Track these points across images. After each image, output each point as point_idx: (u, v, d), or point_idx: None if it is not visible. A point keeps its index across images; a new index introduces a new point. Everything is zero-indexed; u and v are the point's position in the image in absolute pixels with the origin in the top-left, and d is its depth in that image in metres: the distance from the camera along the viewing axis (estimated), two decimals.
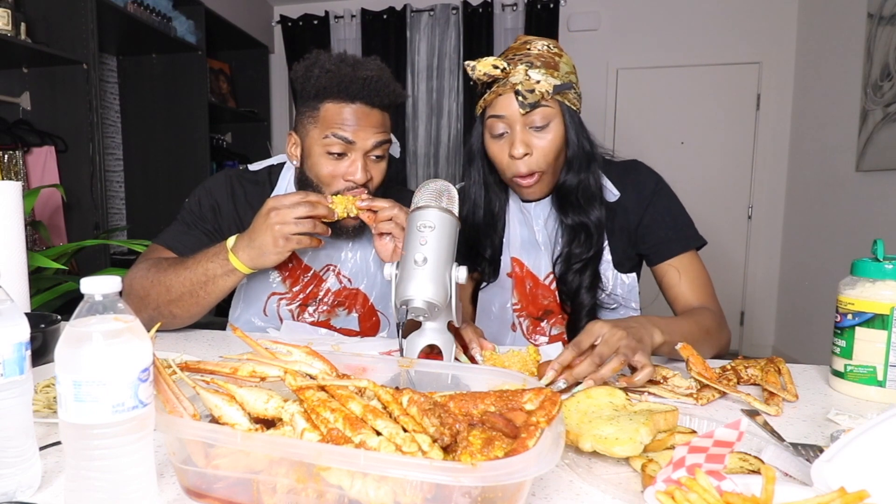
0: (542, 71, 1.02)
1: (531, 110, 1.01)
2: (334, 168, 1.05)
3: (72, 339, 0.45)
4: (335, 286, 1.19)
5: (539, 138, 1.03)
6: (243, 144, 3.99)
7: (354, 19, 3.98)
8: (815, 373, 0.91)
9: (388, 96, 1.05)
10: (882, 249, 0.79)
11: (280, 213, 0.97)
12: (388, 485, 0.43)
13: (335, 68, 1.03)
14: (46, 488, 0.54)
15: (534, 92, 1.01)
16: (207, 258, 1.03)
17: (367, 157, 1.06)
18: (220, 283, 1.03)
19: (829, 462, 0.49)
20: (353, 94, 1.02)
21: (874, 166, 2.63)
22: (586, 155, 1.07)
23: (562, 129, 1.04)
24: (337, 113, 1.03)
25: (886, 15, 2.55)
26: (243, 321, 1.19)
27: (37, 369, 0.77)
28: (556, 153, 1.04)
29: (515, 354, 0.90)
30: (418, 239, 0.79)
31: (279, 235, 0.97)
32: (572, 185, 1.08)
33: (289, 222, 0.97)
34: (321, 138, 1.04)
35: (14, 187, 1.05)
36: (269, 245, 0.98)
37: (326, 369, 0.57)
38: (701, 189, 3.79)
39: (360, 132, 1.03)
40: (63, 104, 2.40)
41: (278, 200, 0.98)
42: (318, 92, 1.04)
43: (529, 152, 1.03)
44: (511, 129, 1.03)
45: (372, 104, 1.04)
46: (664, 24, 3.75)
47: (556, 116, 1.03)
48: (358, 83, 1.02)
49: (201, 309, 1.07)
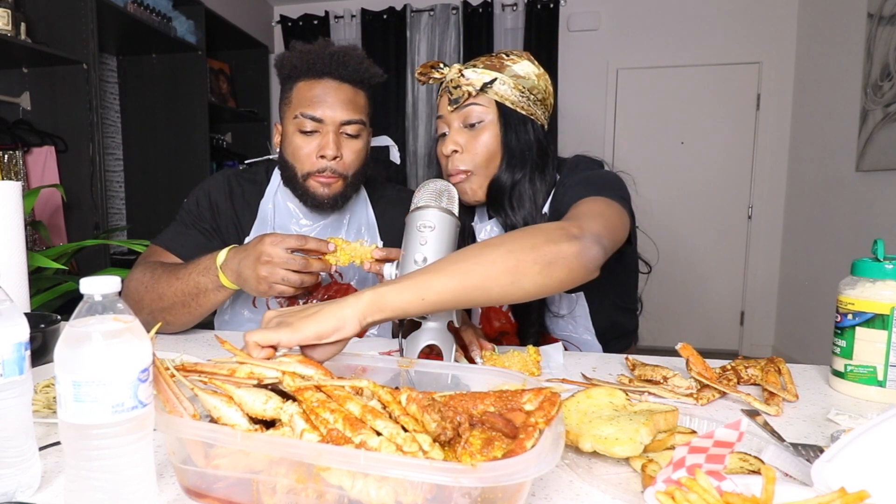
0: (479, 70, 1.01)
1: (457, 107, 1.01)
2: (307, 146, 1.06)
3: (71, 339, 0.45)
4: (325, 280, 1.18)
5: (472, 137, 1.02)
6: (243, 144, 3.99)
7: (354, 19, 3.98)
8: (815, 373, 0.91)
9: (357, 71, 1.05)
10: (882, 249, 0.79)
11: (271, 265, 0.92)
12: (389, 485, 0.43)
13: (306, 49, 1.06)
14: (46, 488, 0.54)
15: (459, 87, 1.01)
16: (199, 272, 1.01)
17: (338, 133, 1.07)
18: (211, 297, 1.02)
19: (829, 462, 0.49)
20: (321, 70, 1.04)
21: (874, 166, 2.63)
22: (526, 159, 1.02)
23: (496, 128, 1.02)
24: (307, 90, 1.05)
25: (886, 15, 2.55)
26: (233, 314, 1.19)
27: (37, 369, 0.77)
28: (486, 154, 1.02)
29: (515, 355, 0.90)
30: (418, 239, 0.79)
31: (263, 282, 0.94)
32: (504, 186, 1.03)
33: (276, 275, 0.93)
34: (292, 119, 1.06)
35: (14, 187, 1.05)
36: (252, 284, 0.95)
37: (322, 374, 0.57)
38: (701, 189, 3.80)
39: (328, 109, 1.04)
40: (63, 104, 2.40)
41: (274, 246, 0.92)
42: (291, 73, 1.07)
43: (458, 150, 1.02)
44: (448, 128, 1.04)
45: (341, 78, 1.05)
46: (664, 24, 3.75)
47: (490, 115, 1.01)
48: (325, 59, 1.03)
49: (193, 318, 1.06)
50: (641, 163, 3.79)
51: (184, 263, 1.05)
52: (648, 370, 0.84)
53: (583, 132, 3.86)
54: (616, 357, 1.00)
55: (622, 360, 0.96)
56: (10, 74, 2.42)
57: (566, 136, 3.82)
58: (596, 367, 0.93)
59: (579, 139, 3.82)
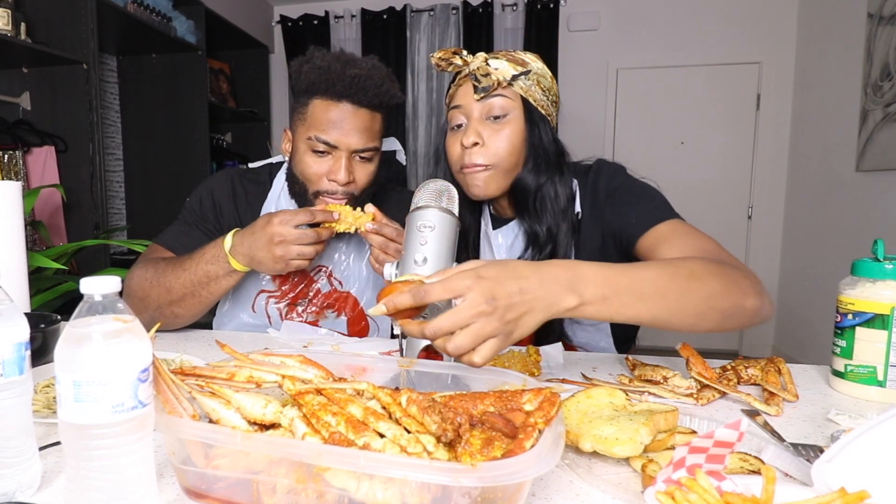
0: (503, 62, 0.97)
1: (485, 96, 0.95)
2: (318, 166, 1.04)
3: (71, 340, 0.44)
4: (326, 288, 1.18)
5: (494, 130, 0.97)
6: (243, 144, 4.00)
7: (354, 19, 3.98)
8: (815, 373, 0.91)
9: (377, 96, 1.02)
10: (882, 249, 0.78)
11: (285, 244, 0.96)
12: (395, 486, 0.43)
13: (325, 65, 1.01)
14: (46, 488, 0.54)
15: (488, 76, 0.95)
16: (206, 260, 1.02)
17: (351, 157, 1.04)
18: (223, 283, 1.04)
19: (829, 462, 0.49)
20: (340, 93, 1.00)
21: (874, 166, 2.63)
22: (550, 161, 1.00)
23: (521, 124, 0.98)
24: (323, 112, 1.01)
25: (886, 15, 2.55)
26: (232, 317, 1.19)
27: (37, 369, 0.77)
28: (510, 149, 0.97)
29: (515, 355, 0.90)
30: (418, 239, 0.79)
31: (280, 260, 0.97)
32: (528, 188, 1.00)
33: (291, 252, 0.97)
34: (305, 138, 1.03)
35: (14, 187, 1.05)
36: (268, 265, 0.99)
37: (322, 375, 0.56)
38: (701, 189, 3.80)
39: (344, 135, 1.01)
40: (63, 104, 2.40)
41: (284, 225, 0.96)
42: (308, 88, 1.03)
43: (480, 142, 0.96)
44: (468, 119, 0.98)
45: (359, 103, 1.01)
46: (664, 24, 3.75)
47: (516, 110, 0.97)
48: (345, 81, 0.99)
49: (203, 308, 1.08)
50: (641, 163, 3.73)
51: (188, 255, 1.06)
52: (648, 370, 0.84)
53: (583, 132, 3.86)
54: (616, 357, 1.00)
55: (622, 360, 0.96)
56: (10, 74, 2.42)
57: (566, 136, 3.77)
58: (596, 367, 0.93)
59: (579, 139, 3.79)
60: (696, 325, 0.69)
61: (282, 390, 0.53)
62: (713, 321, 0.70)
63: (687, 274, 0.69)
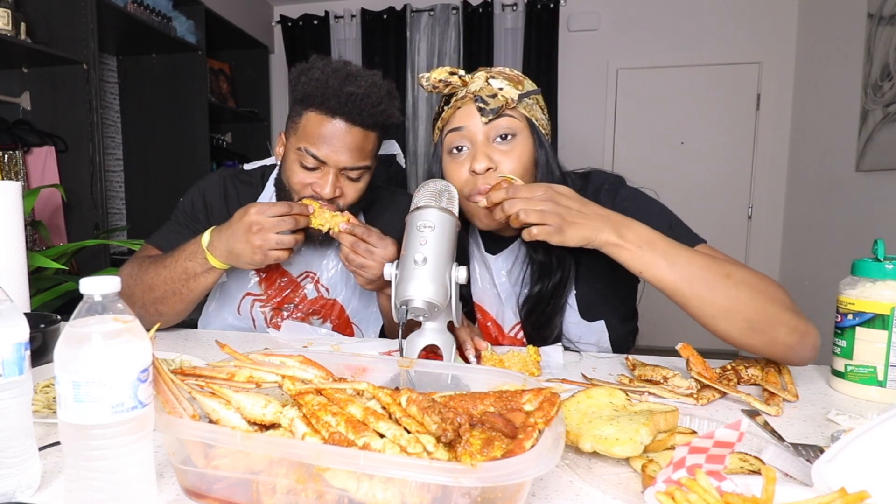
0: (502, 81, 0.93)
1: (494, 118, 0.90)
2: (305, 178, 1.02)
3: (71, 340, 0.44)
4: (312, 294, 1.18)
5: (504, 153, 0.91)
6: (243, 144, 3.99)
7: (354, 19, 3.98)
8: (816, 373, 0.91)
9: (372, 115, 0.98)
10: (882, 249, 0.78)
11: (263, 232, 0.95)
12: (395, 486, 0.43)
13: (323, 78, 0.98)
14: (46, 488, 0.54)
15: (496, 97, 0.91)
16: (185, 257, 1.02)
17: (340, 174, 1.02)
18: (202, 281, 1.03)
19: (829, 462, 0.49)
20: (334, 109, 0.97)
21: (874, 166, 2.63)
22: (556, 182, 0.95)
23: (530, 144, 0.93)
24: (315, 126, 0.99)
25: (886, 15, 2.55)
26: (217, 318, 1.19)
27: (36, 369, 0.77)
28: (522, 170, 0.92)
29: (515, 355, 0.90)
30: (418, 239, 0.79)
31: (258, 251, 0.96)
32: None
33: (270, 241, 0.95)
34: (296, 148, 1.02)
35: (14, 187, 1.05)
36: (247, 256, 0.97)
37: (322, 375, 0.56)
38: (701, 189, 3.79)
39: (333, 152, 0.99)
40: (63, 104, 2.40)
41: (261, 214, 0.96)
42: (303, 98, 1.01)
43: (493, 167, 0.90)
44: (472, 143, 0.92)
45: (353, 122, 0.98)
46: (664, 24, 3.75)
47: (524, 130, 0.93)
48: (341, 97, 0.96)
49: (186, 306, 1.07)
50: (641, 163, 3.79)
51: (170, 252, 1.06)
52: (648, 370, 0.84)
53: (583, 132, 3.85)
54: (616, 357, 1.00)
55: (622, 360, 0.96)
56: (10, 74, 2.42)
57: (566, 137, 3.82)
58: (596, 367, 0.93)
59: (579, 139, 3.82)
60: (717, 321, 0.78)
61: (282, 390, 0.53)
62: (736, 325, 0.78)
63: (723, 272, 0.78)
